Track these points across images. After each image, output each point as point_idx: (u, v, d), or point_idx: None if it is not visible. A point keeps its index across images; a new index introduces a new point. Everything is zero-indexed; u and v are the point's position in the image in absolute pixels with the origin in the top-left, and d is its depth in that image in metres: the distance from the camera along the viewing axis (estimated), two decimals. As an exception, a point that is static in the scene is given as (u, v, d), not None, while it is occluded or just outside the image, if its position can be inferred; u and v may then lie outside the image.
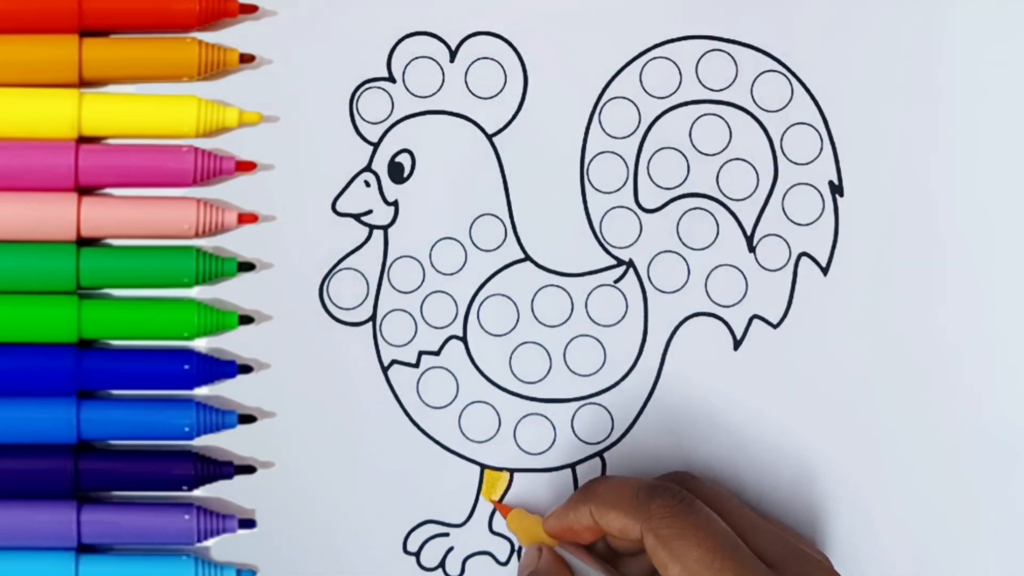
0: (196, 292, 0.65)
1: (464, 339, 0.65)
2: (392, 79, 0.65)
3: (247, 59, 0.65)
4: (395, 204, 0.65)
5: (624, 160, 0.66)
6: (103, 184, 0.64)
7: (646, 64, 0.66)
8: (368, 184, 0.65)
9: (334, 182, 0.65)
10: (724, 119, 0.66)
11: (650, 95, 0.66)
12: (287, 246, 0.65)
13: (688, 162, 0.66)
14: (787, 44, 0.66)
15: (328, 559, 0.65)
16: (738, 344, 0.66)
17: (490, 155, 0.66)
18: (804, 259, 0.66)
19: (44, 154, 0.63)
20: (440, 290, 0.65)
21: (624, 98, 0.66)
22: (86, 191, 0.64)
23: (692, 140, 0.66)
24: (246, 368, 0.65)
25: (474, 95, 0.66)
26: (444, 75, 0.66)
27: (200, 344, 0.65)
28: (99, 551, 0.64)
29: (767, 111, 0.66)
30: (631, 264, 0.66)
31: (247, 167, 0.65)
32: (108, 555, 0.64)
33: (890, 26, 0.66)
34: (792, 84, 0.66)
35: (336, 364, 0.65)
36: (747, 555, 0.57)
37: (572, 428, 0.66)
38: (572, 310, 0.66)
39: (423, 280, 0.65)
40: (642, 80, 0.66)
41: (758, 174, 0.66)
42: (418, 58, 0.66)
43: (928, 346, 0.66)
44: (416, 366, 0.65)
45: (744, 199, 0.66)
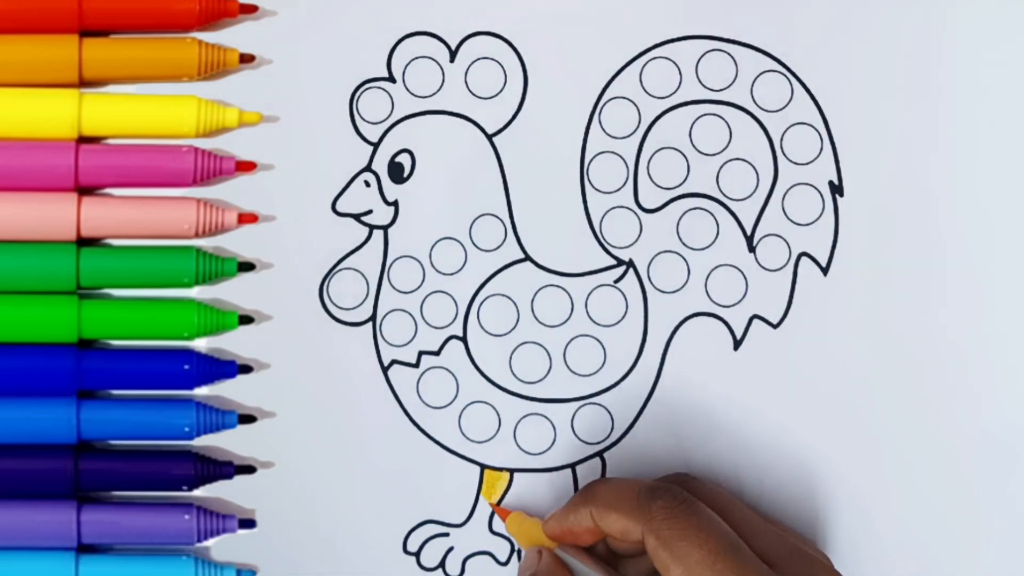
0: (196, 292, 0.65)
1: (464, 339, 0.65)
2: (392, 79, 0.65)
3: (247, 59, 0.65)
4: (395, 204, 0.65)
5: (624, 160, 0.66)
6: (103, 184, 0.64)
7: (646, 64, 0.66)
8: (368, 184, 0.65)
9: (334, 182, 0.65)
10: (724, 119, 0.66)
11: (650, 95, 0.66)
12: (287, 246, 0.65)
13: (688, 162, 0.66)
14: (787, 44, 0.66)
15: (328, 559, 0.65)
16: (738, 344, 0.66)
17: (490, 155, 0.66)
18: (804, 259, 0.66)
19: (44, 154, 0.63)
20: (440, 290, 0.65)
21: (624, 98, 0.66)
22: (86, 191, 0.64)
23: (692, 140, 0.66)
24: (246, 368, 0.65)
25: (474, 95, 0.66)
26: (444, 75, 0.66)
27: (200, 344, 0.65)
28: (99, 551, 0.64)
29: (767, 111, 0.66)
30: (631, 264, 0.66)
31: (247, 167, 0.65)
32: (108, 555, 0.64)
33: (890, 26, 0.66)
34: (792, 84, 0.66)
35: (336, 364, 0.65)
36: (749, 556, 0.57)
37: (572, 428, 0.66)
38: (572, 310, 0.66)
39: (423, 280, 0.65)
40: (642, 80, 0.66)
41: (758, 174, 0.66)
42: (418, 58, 0.65)
43: (928, 346, 0.66)
44: (416, 366, 0.65)
45: (744, 199, 0.66)
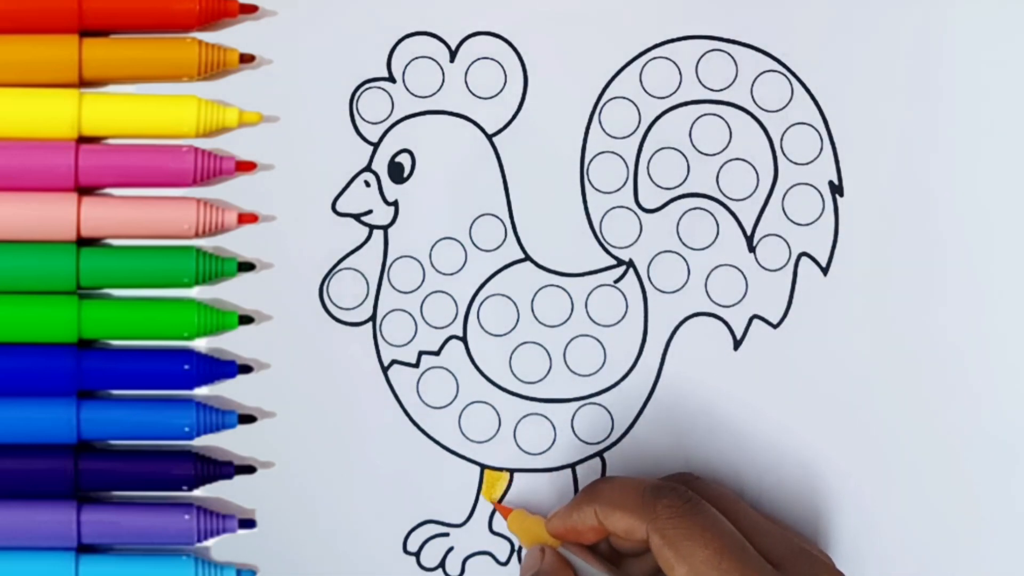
0: (196, 292, 0.65)
1: (464, 339, 0.65)
2: (392, 79, 0.65)
3: (247, 59, 0.65)
4: (395, 204, 0.65)
5: (624, 160, 0.66)
6: (103, 184, 0.64)
7: (646, 64, 0.66)
8: (368, 184, 0.65)
9: (334, 182, 0.65)
10: (724, 119, 0.66)
11: (650, 95, 0.66)
12: (287, 246, 0.65)
13: (688, 162, 0.66)
14: (787, 44, 0.66)
15: (328, 559, 0.65)
16: (738, 344, 0.66)
17: (490, 155, 0.66)
18: (804, 259, 0.66)
19: (44, 154, 0.63)
20: (440, 290, 0.65)
21: (624, 98, 0.66)
22: (86, 191, 0.64)
23: (692, 140, 0.66)
24: (246, 368, 0.65)
25: (474, 95, 0.66)
26: (444, 75, 0.66)
27: (200, 344, 0.65)
28: (99, 551, 0.64)
29: (767, 111, 0.66)
30: (631, 264, 0.66)
31: (247, 167, 0.65)
32: (108, 555, 0.64)
33: (890, 26, 0.66)
34: (792, 84, 0.66)
35: (336, 364, 0.65)
36: (753, 556, 0.57)
37: (572, 428, 0.66)
38: (572, 310, 0.66)
39: (423, 280, 0.65)
40: (642, 80, 0.66)
41: (758, 174, 0.66)
42: (418, 58, 0.65)
43: (928, 346, 0.66)
44: (416, 366, 0.65)
45: (744, 199, 0.66)
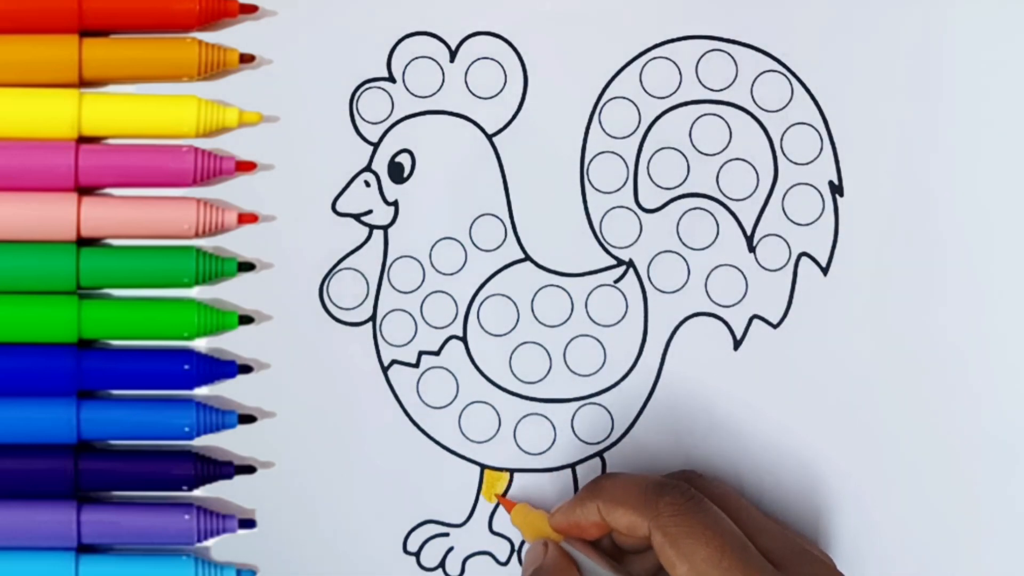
0: (196, 292, 0.65)
1: (464, 339, 0.65)
2: (392, 79, 0.65)
3: (247, 59, 0.65)
4: (395, 204, 0.65)
5: (624, 160, 0.66)
6: (103, 184, 0.64)
7: (646, 64, 0.66)
8: (368, 184, 0.65)
9: (334, 182, 0.65)
10: (724, 119, 0.66)
11: (650, 95, 0.66)
12: (287, 246, 0.65)
13: (688, 162, 0.66)
14: (787, 44, 0.66)
15: (328, 559, 0.65)
16: (738, 344, 0.66)
17: (490, 155, 0.66)
18: (804, 259, 0.66)
19: (44, 154, 0.63)
20: (440, 290, 0.65)
21: (624, 98, 0.66)
22: (86, 191, 0.64)
23: (692, 140, 0.66)
24: (246, 368, 0.65)
25: (474, 95, 0.66)
26: (444, 75, 0.66)
27: (200, 344, 0.65)
28: (99, 551, 0.64)
29: (767, 111, 0.66)
30: (631, 264, 0.66)
31: (247, 167, 0.65)
32: (108, 555, 0.64)
33: (890, 26, 0.66)
34: (792, 84, 0.66)
35: (336, 364, 0.65)
36: (754, 555, 0.57)
37: (572, 428, 0.66)
38: (572, 310, 0.66)
39: (423, 280, 0.65)
40: (642, 80, 0.66)
41: (758, 174, 0.66)
42: (418, 58, 0.65)
43: (928, 346, 0.66)
44: (416, 366, 0.65)
45: (744, 199, 0.66)
